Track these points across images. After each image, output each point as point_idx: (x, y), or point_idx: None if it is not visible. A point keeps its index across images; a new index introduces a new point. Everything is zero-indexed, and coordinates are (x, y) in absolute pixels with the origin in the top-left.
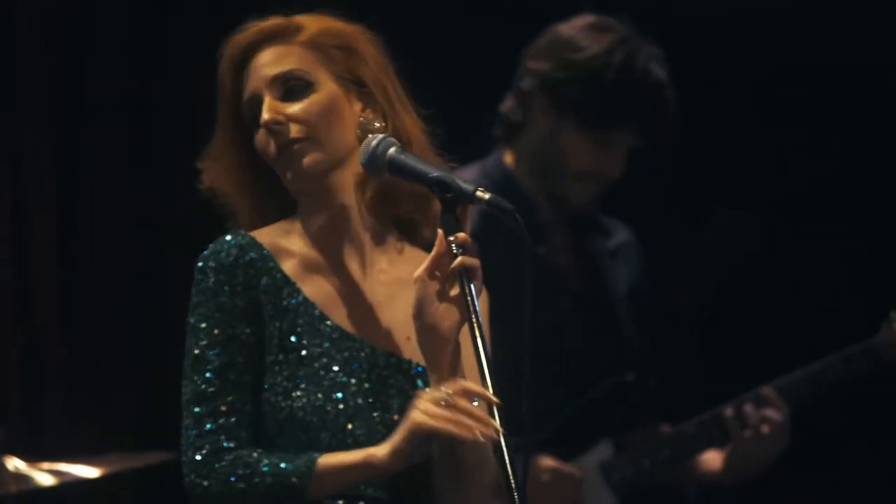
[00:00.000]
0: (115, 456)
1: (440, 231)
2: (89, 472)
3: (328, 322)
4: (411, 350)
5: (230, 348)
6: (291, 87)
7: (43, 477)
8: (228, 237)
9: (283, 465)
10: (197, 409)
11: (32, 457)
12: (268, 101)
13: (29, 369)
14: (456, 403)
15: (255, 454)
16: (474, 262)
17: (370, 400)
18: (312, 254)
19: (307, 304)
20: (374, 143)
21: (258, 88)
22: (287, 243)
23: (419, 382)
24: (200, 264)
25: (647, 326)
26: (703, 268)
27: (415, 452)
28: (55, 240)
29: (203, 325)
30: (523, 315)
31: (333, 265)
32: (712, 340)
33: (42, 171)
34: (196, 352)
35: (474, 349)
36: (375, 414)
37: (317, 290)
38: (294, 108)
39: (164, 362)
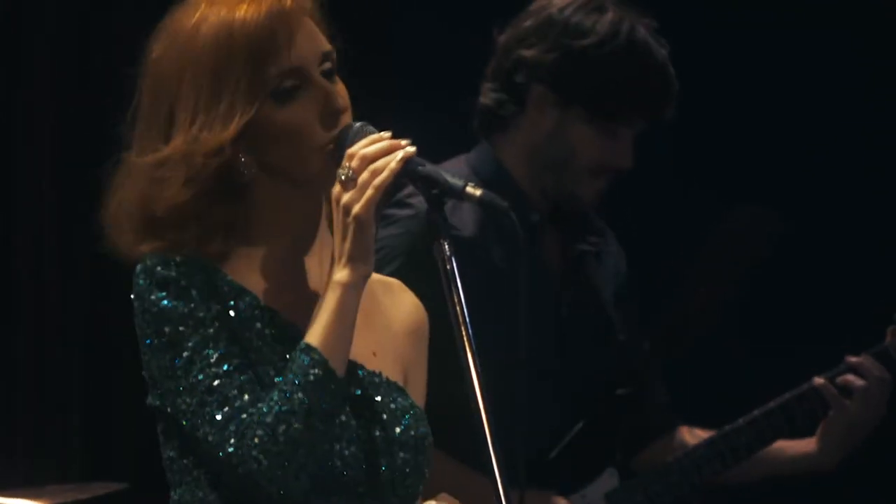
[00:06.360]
0: (56, 488)
1: None
2: None
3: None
4: (376, 363)
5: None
6: (328, 70)
7: None
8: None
9: (291, 376)
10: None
11: None
12: (333, 86)
13: None
14: (359, 168)
15: (259, 405)
16: None
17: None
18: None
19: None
20: (357, 127)
21: (307, 61)
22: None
23: (394, 395)
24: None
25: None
26: (715, 267)
27: (368, 246)
28: None
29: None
30: (518, 321)
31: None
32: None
33: None
34: (186, 354)
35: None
36: (360, 431)
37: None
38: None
39: (110, 390)
